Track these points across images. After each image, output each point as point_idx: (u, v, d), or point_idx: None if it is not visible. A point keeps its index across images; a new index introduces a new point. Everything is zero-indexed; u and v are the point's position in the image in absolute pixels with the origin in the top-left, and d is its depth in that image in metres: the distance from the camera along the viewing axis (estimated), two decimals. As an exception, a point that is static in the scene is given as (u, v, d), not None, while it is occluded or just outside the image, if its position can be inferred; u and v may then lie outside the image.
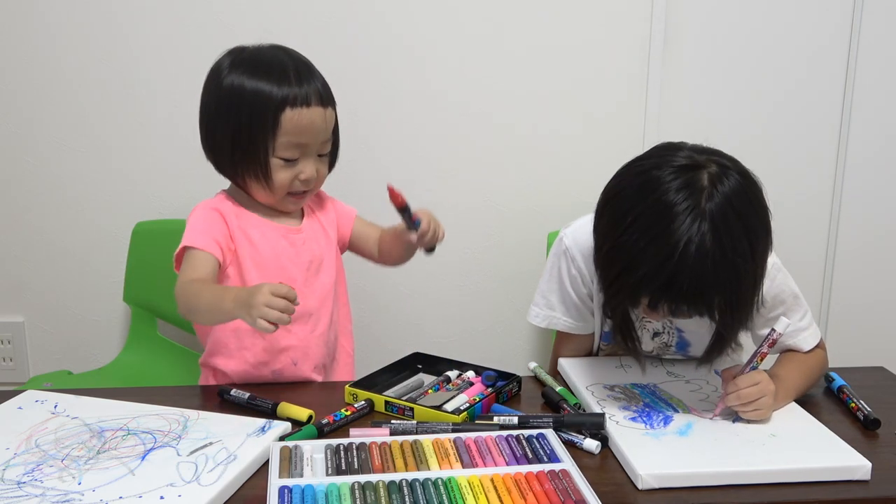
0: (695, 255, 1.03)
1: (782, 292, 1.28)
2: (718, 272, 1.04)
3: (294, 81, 1.30)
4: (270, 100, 1.28)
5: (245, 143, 1.30)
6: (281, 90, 1.28)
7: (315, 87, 1.32)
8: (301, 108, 1.29)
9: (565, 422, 1.11)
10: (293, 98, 1.29)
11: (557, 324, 1.38)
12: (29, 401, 1.19)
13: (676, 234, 1.04)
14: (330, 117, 1.35)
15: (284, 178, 1.32)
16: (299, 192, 1.36)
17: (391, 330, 2.04)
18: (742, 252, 1.06)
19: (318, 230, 1.44)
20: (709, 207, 1.05)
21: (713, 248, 1.04)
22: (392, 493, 0.93)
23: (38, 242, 1.94)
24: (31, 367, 2.01)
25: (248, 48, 1.35)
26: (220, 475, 0.97)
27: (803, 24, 1.96)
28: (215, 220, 1.34)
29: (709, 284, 1.05)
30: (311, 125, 1.31)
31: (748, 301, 1.12)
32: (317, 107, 1.31)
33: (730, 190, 1.07)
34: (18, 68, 1.85)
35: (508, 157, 1.96)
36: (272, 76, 1.29)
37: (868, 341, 2.11)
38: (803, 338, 1.30)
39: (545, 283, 1.39)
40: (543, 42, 1.90)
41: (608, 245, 1.12)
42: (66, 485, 0.95)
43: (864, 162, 2.04)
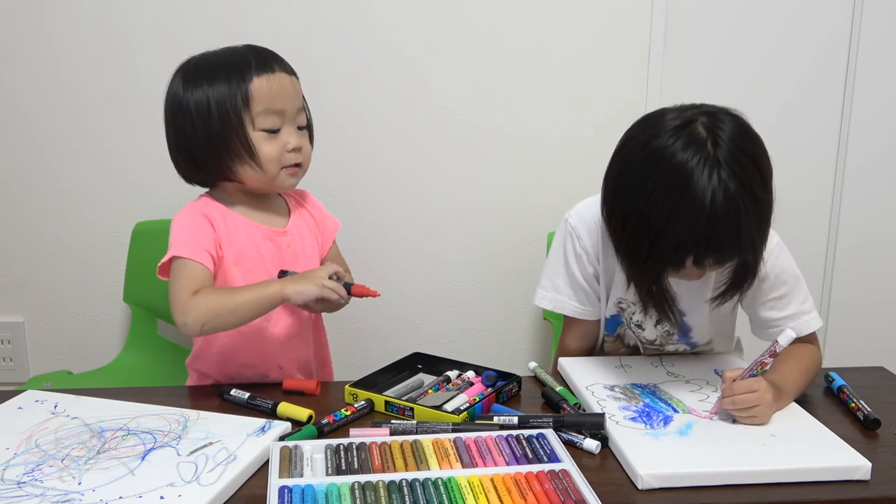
0: (723, 201, 1.09)
1: (784, 272, 1.30)
2: (747, 209, 1.10)
3: (254, 61, 1.30)
4: (236, 83, 1.28)
5: (221, 130, 1.28)
6: (243, 72, 1.28)
7: (276, 61, 1.32)
8: (267, 73, 1.29)
9: (565, 422, 1.11)
10: (256, 67, 1.29)
11: (564, 307, 1.39)
12: (29, 401, 1.19)
13: (700, 188, 1.09)
14: (297, 85, 1.35)
15: (272, 150, 1.31)
16: (292, 165, 1.34)
17: (391, 330, 2.04)
18: (757, 182, 1.12)
19: (303, 231, 1.43)
20: (718, 154, 1.11)
21: (736, 189, 1.09)
22: (392, 493, 0.93)
23: (38, 242, 1.94)
24: (31, 367, 2.01)
25: (196, 58, 1.34)
26: (220, 475, 0.97)
27: (803, 23, 1.96)
28: (202, 226, 1.31)
29: (743, 223, 1.10)
30: (280, 89, 1.30)
31: (769, 225, 1.17)
32: (282, 73, 1.31)
33: (728, 132, 1.13)
34: (18, 68, 1.85)
35: (508, 157, 1.96)
36: (233, 72, 1.29)
37: (868, 341, 2.11)
38: (805, 321, 1.31)
39: (551, 265, 1.40)
40: (543, 43, 1.91)
41: (634, 219, 1.16)
42: (66, 485, 0.95)
43: (864, 162, 2.04)
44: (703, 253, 1.13)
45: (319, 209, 1.50)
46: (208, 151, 1.31)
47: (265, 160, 1.30)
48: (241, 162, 1.30)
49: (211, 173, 1.35)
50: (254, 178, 1.32)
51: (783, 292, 1.31)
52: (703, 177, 1.09)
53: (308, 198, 1.50)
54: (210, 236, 1.31)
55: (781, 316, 1.31)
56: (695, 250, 1.12)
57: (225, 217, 1.34)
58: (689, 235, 1.10)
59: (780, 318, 1.31)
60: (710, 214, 1.09)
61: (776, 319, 1.32)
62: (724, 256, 1.15)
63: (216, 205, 1.36)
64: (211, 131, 1.29)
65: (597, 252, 1.35)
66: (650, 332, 1.37)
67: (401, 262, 2.01)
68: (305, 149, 1.36)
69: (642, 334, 1.38)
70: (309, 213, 1.46)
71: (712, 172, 1.09)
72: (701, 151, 1.11)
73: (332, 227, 1.50)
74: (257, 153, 1.30)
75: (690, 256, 1.13)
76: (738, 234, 1.11)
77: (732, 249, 1.13)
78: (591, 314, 1.40)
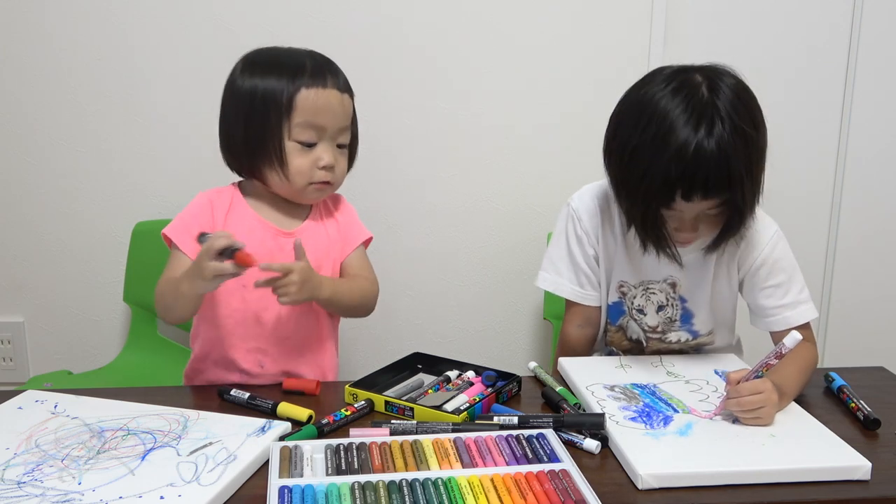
0: (711, 137, 1.13)
1: (782, 259, 1.34)
2: (736, 146, 1.13)
3: (310, 70, 1.29)
4: (284, 87, 1.27)
5: (260, 130, 1.28)
6: (295, 78, 1.27)
7: (332, 75, 1.31)
8: (317, 87, 1.28)
9: (565, 422, 1.11)
10: (309, 79, 1.28)
11: (563, 289, 1.41)
12: (29, 401, 1.19)
13: (691, 124, 1.14)
14: (348, 104, 1.34)
15: (302, 164, 1.30)
16: (321, 182, 1.33)
17: (391, 330, 2.04)
18: (748, 123, 1.16)
19: (317, 235, 1.39)
20: (712, 95, 1.16)
21: (727, 127, 1.13)
22: (392, 493, 0.93)
23: (38, 242, 1.94)
24: (31, 367, 2.02)
25: (262, 50, 1.34)
26: (220, 475, 0.97)
27: (803, 23, 1.96)
28: (201, 213, 1.33)
29: (731, 160, 1.13)
30: (327, 105, 1.29)
31: (760, 172, 1.19)
32: (333, 89, 1.30)
33: (725, 81, 1.19)
34: (18, 69, 1.85)
35: (508, 157, 1.96)
36: (286, 71, 1.28)
37: (868, 341, 2.11)
38: (802, 311, 1.33)
39: (553, 248, 1.43)
40: (544, 43, 1.91)
41: (629, 155, 1.20)
42: (66, 485, 0.95)
43: (864, 161, 2.04)
44: (691, 187, 1.15)
45: (349, 216, 1.45)
46: (242, 145, 1.31)
47: (293, 172, 1.30)
48: (271, 167, 1.30)
49: (242, 168, 1.35)
50: (279, 185, 1.33)
51: (781, 280, 1.33)
52: (694, 114, 1.14)
53: (341, 203, 1.46)
54: (205, 225, 1.31)
55: (779, 304, 1.33)
56: (682, 184, 1.15)
57: (233, 208, 1.35)
58: (676, 169, 1.14)
59: (778, 305, 1.34)
60: (697, 148, 1.12)
61: (774, 307, 1.34)
62: (711, 192, 1.16)
63: (234, 194, 1.37)
64: (250, 125, 1.29)
65: (597, 234, 1.38)
66: (652, 317, 1.38)
67: (401, 261, 2.01)
68: (340, 168, 1.34)
69: (644, 320, 1.39)
70: (334, 220, 1.43)
71: (704, 110, 1.14)
72: (695, 92, 1.16)
73: (357, 236, 1.44)
74: (287, 163, 1.29)
75: (679, 190, 1.16)
76: (726, 171, 1.14)
77: (720, 186, 1.15)
78: (592, 299, 1.41)
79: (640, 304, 1.39)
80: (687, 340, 1.41)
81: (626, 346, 1.44)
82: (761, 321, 1.36)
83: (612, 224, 1.38)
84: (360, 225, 1.45)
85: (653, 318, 1.39)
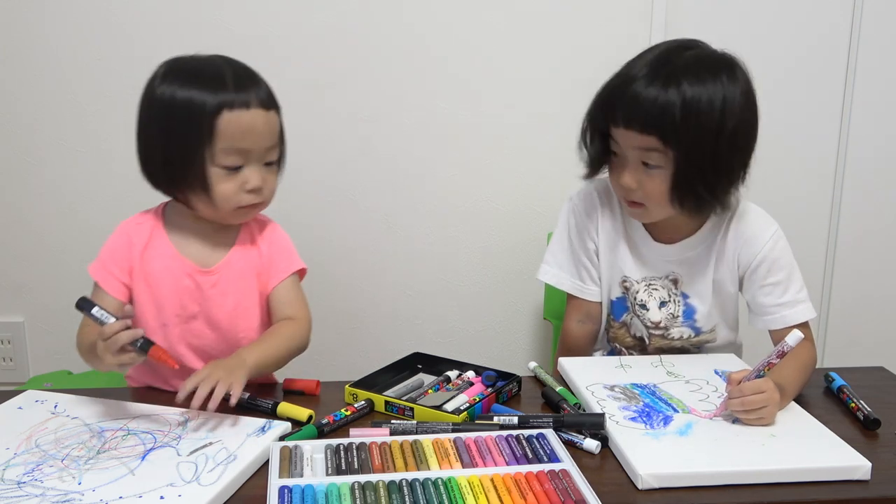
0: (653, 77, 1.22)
1: (782, 258, 1.34)
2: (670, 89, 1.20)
3: (231, 86, 1.20)
4: (205, 105, 1.18)
5: (179, 153, 1.21)
6: (216, 96, 1.19)
7: (254, 91, 1.22)
8: (240, 109, 1.19)
9: (565, 422, 1.11)
10: (230, 101, 1.19)
11: (564, 283, 1.44)
12: (29, 401, 1.19)
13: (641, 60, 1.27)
14: (273, 121, 1.25)
15: (228, 189, 1.22)
16: (248, 206, 1.25)
17: (391, 330, 2.04)
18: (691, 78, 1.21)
19: (241, 268, 1.30)
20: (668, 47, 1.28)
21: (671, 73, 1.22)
22: (392, 493, 0.93)
23: (38, 242, 1.94)
24: (31, 367, 2.02)
25: (183, 58, 1.26)
26: (220, 475, 0.97)
27: (803, 23, 1.96)
28: (120, 251, 1.28)
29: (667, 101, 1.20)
30: (251, 128, 1.21)
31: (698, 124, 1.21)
32: (257, 109, 1.21)
33: (694, 47, 1.28)
34: (18, 69, 1.85)
35: (508, 157, 1.96)
36: (206, 83, 1.20)
37: (868, 341, 2.11)
38: (800, 310, 1.34)
39: (555, 242, 1.45)
40: (544, 43, 1.91)
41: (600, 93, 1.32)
42: (66, 485, 0.95)
43: (864, 162, 2.04)
44: (627, 110, 1.23)
45: (278, 245, 1.35)
46: (162, 166, 1.24)
47: (219, 197, 1.23)
48: (193, 191, 1.23)
49: (163, 189, 1.28)
50: (204, 209, 1.26)
51: (780, 278, 1.34)
52: (646, 57, 1.26)
53: (270, 232, 1.35)
54: (122, 264, 1.27)
55: (778, 302, 1.34)
56: (620, 106, 1.24)
57: (152, 243, 1.29)
58: (620, 90, 1.25)
59: (777, 304, 1.34)
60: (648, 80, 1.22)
61: (773, 305, 1.35)
62: (641, 125, 1.22)
63: (155, 225, 1.30)
64: (169, 145, 1.22)
65: (597, 228, 1.41)
66: (654, 313, 1.39)
67: (401, 261, 2.01)
68: (269, 187, 1.27)
69: (647, 315, 1.40)
70: (259, 250, 1.33)
71: (655, 53, 1.26)
72: (663, 50, 1.27)
73: (285, 266, 1.33)
74: (212, 188, 1.22)
75: (619, 113, 1.24)
76: (662, 111, 1.20)
77: (652, 123, 1.21)
78: (592, 294, 1.43)
79: (643, 300, 1.39)
80: (689, 337, 1.42)
81: (630, 342, 1.45)
82: (760, 319, 1.37)
83: (613, 219, 1.40)
84: (291, 254, 1.35)
85: (655, 314, 1.40)
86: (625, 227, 1.40)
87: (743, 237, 1.35)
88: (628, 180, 1.28)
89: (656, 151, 1.24)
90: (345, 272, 2.01)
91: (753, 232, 1.35)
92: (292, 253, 1.36)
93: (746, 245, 1.35)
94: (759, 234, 1.35)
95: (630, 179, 1.28)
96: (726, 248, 1.36)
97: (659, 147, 1.23)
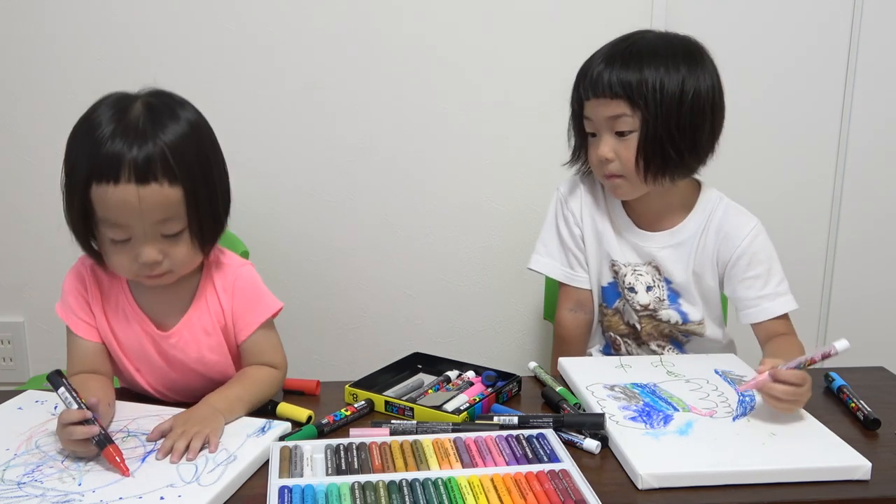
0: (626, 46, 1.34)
1: (761, 252, 1.39)
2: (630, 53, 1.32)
3: (106, 154, 1.04)
4: (76, 174, 1.07)
5: (69, 216, 1.12)
6: (88, 162, 1.05)
7: (132, 158, 1.04)
8: (107, 184, 1.04)
9: (565, 422, 1.11)
10: (98, 173, 1.04)
11: (555, 271, 1.48)
12: (29, 401, 1.19)
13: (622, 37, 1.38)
14: (154, 196, 1.05)
15: (121, 261, 1.11)
16: (154, 275, 1.12)
17: (391, 330, 2.04)
18: (652, 47, 1.33)
19: (203, 327, 1.19)
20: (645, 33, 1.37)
21: (641, 47, 1.33)
22: (392, 493, 0.93)
23: (38, 242, 1.94)
24: (31, 367, 2.01)
25: (100, 104, 1.11)
26: (219, 475, 0.97)
27: (803, 23, 1.96)
28: (80, 292, 1.20)
29: (640, 69, 1.30)
30: (122, 204, 1.05)
31: (672, 100, 1.30)
32: (128, 184, 1.04)
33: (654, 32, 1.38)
34: (18, 69, 1.85)
35: (509, 157, 1.96)
36: (88, 144, 1.06)
37: (868, 341, 2.10)
38: (781, 302, 1.38)
39: (545, 231, 1.51)
40: (543, 42, 1.91)
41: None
42: (66, 485, 0.95)
43: (864, 161, 2.04)
44: (594, 82, 1.33)
45: (242, 299, 1.21)
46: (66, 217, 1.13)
47: (116, 268, 1.13)
48: (98, 257, 1.15)
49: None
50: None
51: (760, 272, 1.38)
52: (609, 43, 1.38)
53: (231, 282, 1.21)
54: (85, 307, 1.19)
55: (759, 295, 1.38)
56: (584, 80, 1.35)
57: (110, 292, 1.20)
58: (586, 64, 1.37)
59: (758, 296, 1.38)
60: (600, 57, 1.35)
61: (754, 298, 1.38)
62: (603, 88, 1.32)
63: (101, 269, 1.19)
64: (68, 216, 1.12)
65: (582, 214, 1.46)
66: (643, 296, 1.43)
67: (401, 261, 2.01)
68: (174, 258, 1.11)
69: (636, 298, 1.44)
70: (221, 307, 1.20)
71: (616, 39, 1.38)
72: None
73: (250, 322, 1.21)
74: (107, 258, 1.13)
75: (588, 85, 1.35)
76: (624, 74, 1.31)
77: (619, 85, 1.31)
78: (582, 280, 1.47)
79: (631, 283, 1.43)
80: (678, 323, 1.45)
81: (624, 330, 1.47)
82: (741, 313, 1.41)
83: (597, 205, 1.46)
84: (259, 303, 1.22)
85: (643, 297, 1.44)
86: (609, 213, 1.45)
87: (723, 232, 1.40)
88: (605, 150, 1.34)
89: (626, 116, 1.32)
90: (345, 272, 2.01)
91: (733, 227, 1.39)
92: (260, 300, 1.22)
93: (726, 240, 1.39)
94: (739, 229, 1.39)
95: (606, 149, 1.34)
96: (707, 242, 1.40)
97: (627, 111, 1.31)
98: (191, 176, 1.09)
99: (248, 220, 1.92)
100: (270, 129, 1.92)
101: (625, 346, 1.49)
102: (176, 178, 1.07)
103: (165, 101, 1.12)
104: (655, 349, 1.48)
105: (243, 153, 1.90)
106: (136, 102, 1.10)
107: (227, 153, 1.21)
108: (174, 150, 1.07)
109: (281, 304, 1.23)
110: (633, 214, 1.44)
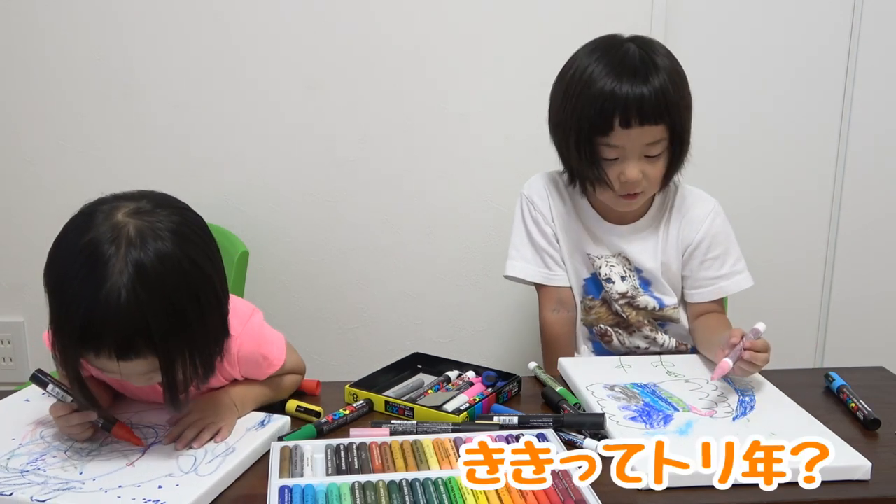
0: (642, 64, 1.29)
1: (720, 233, 1.43)
2: (647, 72, 1.28)
3: (89, 326, 0.91)
4: (64, 334, 0.94)
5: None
6: (73, 331, 0.92)
7: (111, 338, 0.91)
8: (88, 354, 0.93)
9: (565, 422, 1.11)
10: (84, 343, 0.92)
11: (532, 273, 1.48)
12: (36, 394, 1.19)
13: (626, 49, 1.31)
14: (139, 368, 0.95)
15: (106, 399, 1.12)
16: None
17: (391, 330, 2.04)
18: (656, 59, 1.30)
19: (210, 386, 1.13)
20: (648, 39, 1.35)
21: (621, 54, 1.31)
22: (392, 493, 0.93)
23: (38, 242, 1.92)
24: (31, 367, 2.00)
25: (80, 238, 1.01)
26: (217, 466, 0.99)
27: (803, 23, 1.96)
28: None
29: (667, 91, 1.27)
30: (107, 370, 0.97)
31: (687, 105, 1.33)
32: (107, 360, 0.93)
33: (622, 38, 1.35)
34: (17, 69, 1.85)
35: (508, 157, 1.96)
36: (75, 299, 0.92)
37: (868, 341, 2.11)
38: (737, 280, 1.44)
39: (515, 237, 1.50)
40: (543, 42, 1.91)
41: (570, 89, 1.34)
42: (67, 474, 0.97)
43: (864, 161, 2.04)
44: (629, 112, 1.26)
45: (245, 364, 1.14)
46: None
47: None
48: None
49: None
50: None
51: (718, 253, 1.43)
52: (598, 64, 1.30)
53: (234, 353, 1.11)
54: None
55: (716, 275, 1.43)
56: (619, 110, 1.26)
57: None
58: (613, 89, 1.27)
59: (715, 276, 1.43)
60: (618, 83, 1.27)
61: (711, 278, 1.43)
62: (644, 116, 1.27)
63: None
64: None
65: (551, 213, 1.46)
66: (619, 285, 1.45)
67: (401, 261, 2.01)
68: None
69: (614, 288, 1.45)
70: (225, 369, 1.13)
71: (605, 57, 1.30)
72: (636, 38, 1.34)
73: (259, 374, 1.16)
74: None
75: (617, 116, 1.26)
76: (663, 97, 1.27)
77: (659, 111, 1.27)
78: (560, 279, 1.48)
79: (607, 274, 1.45)
80: (655, 309, 1.47)
81: (613, 320, 1.49)
82: (695, 293, 1.44)
83: (564, 203, 1.46)
84: (265, 362, 1.15)
85: (620, 286, 1.45)
86: (575, 209, 1.46)
87: (685, 218, 1.43)
88: (635, 173, 1.32)
89: (663, 140, 1.31)
90: (345, 272, 2.01)
91: (694, 212, 1.43)
92: (266, 358, 1.15)
93: (688, 225, 1.43)
94: (699, 213, 1.43)
95: (636, 172, 1.32)
96: (670, 230, 1.43)
97: (665, 135, 1.30)
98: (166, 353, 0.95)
99: (248, 220, 1.92)
100: (270, 129, 1.92)
101: (616, 337, 1.49)
102: (156, 353, 0.94)
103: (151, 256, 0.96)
104: (647, 334, 1.47)
105: (243, 153, 1.90)
106: (116, 257, 0.94)
107: (228, 153, 1.20)
108: (157, 326, 0.92)
109: (283, 359, 1.17)
110: (600, 207, 1.45)
